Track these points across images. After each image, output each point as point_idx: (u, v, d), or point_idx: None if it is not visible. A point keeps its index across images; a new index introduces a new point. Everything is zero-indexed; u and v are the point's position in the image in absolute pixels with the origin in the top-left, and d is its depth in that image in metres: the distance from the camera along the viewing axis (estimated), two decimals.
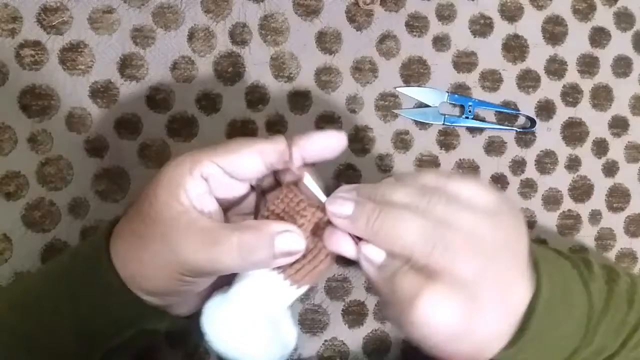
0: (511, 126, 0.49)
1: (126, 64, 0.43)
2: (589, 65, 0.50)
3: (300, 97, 0.46)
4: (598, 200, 0.51)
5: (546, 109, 0.50)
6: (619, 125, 0.51)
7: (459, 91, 0.48)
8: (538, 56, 0.49)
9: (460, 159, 0.49)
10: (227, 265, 0.31)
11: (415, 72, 0.48)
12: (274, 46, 0.46)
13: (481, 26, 0.49)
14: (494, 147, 0.49)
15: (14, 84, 0.42)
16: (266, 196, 0.36)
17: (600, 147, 0.51)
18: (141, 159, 0.44)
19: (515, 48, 0.49)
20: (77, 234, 0.43)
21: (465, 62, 0.48)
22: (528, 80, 0.49)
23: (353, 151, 0.47)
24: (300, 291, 0.33)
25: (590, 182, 0.51)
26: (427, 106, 0.47)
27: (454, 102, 0.48)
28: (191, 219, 0.31)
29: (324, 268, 0.33)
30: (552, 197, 0.50)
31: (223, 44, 0.45)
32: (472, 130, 0.49)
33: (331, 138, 0.34)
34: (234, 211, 0.36)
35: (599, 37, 0.51)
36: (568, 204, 0.50)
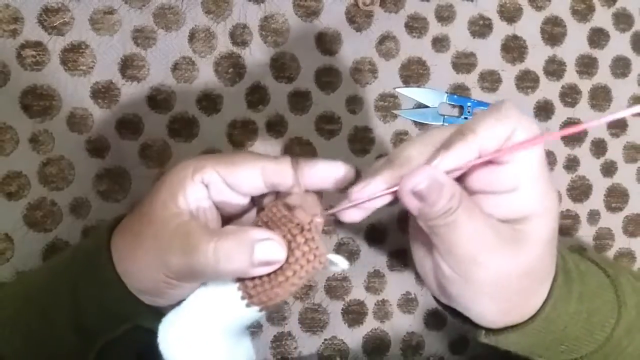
0: None
1: (127, 64, 0.44)
2: (587, 65, 0.51)
3: (300, 98, 0.46)
4: (596, 200, 0.51)
5: (545, 110, 0.50)
6: (617, 126, 0.51)
7: (458, 92, 0.48)
8: (537, 57, 0.50)
9: None
10: (203, 271, 0.30)
11: (414, 72, 0.48)
12: (274, 47, 0.46)
13: (480, 27, 0.49)
14: None
15: (16, 84, 0.42)
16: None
17: (599, 147, 0.51)
18: (142, 159, 0.44)
19: (514, 49, 0.49)
20: (78, 234, 0.43)
21: (464, 62, 0.49)
22: (527, 81, 0.50)
23: (353, 151, 0.47)
24: (255, 314, 0.31)
25: (589, 182, 0.51)
26: (427, 107, 0.48)
27: (453, 103, 0.48)
28: (181, 222, 0.31)
29: (281, 293, 0.30)
30: None
31: (224, 44, 0.45)
32: None
33: (337, 169, 0.32)
34: (234, 223, 0.35)
35: (597, 37, 0.51)
36: (567, 204, 0.51)
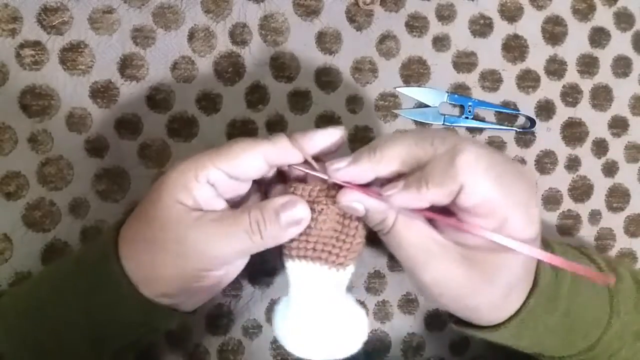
0: (511, 126, 0.49)
1: (126, 64, 0.44)
2: (588, 65, 0.50)
3: (300, 97, 0.46)
4: (598, 200, 0.51)
5: (546, 109, 0.50)
6: (618, 125, 0.51)
7: (459, 91, 0.48)
8: (538, 56, 0.49)
9: None
10: (246, 245, 0.32)
11: (415, 72, 0.48)
12: (274, 46, 0.46)
13: (481, 26, 0.49)
14: (493, 147, 0.49)
15: (14, 84, 0.42)
16: (276, 187, 0.37)
17: (600, 147, 0.51)
18: (141, 159, 0.44)
19: (515, 48, 0.49)
20: (77, 234, 0.43)
21: (465, 62, 0.48)
22: (528, 81, 0.49)
23: (353, 151, 0.46)
24: (348, 272, 0.34)
25: (590, 182, 0.51)
26: (427, 106, 0.47)
27: (453, 102, 0.48)
28: (199, 215, 0.32)
29: (357, 244, 0.34)
30: (552, 197, 0.50)
31: (223, 44, 0.45)
32: (472, 130, 0.49)
33: (333, 135, 0.34)
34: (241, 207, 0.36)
35: (598, 37, 0.51)
36: (568, 204, 0.50)
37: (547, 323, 0.35)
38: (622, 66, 0.51)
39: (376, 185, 0.33)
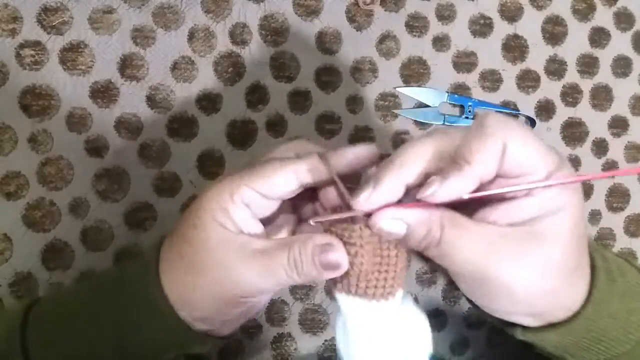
0: None
1: (126, 64, 0.44)
2: (588, 65, 0.51)
3: (300, 97, 0.46)
4: (598, 200, 0.51)
5: (546, 109, 0.50)
6: (618, 125, 0.51)
7: (459, 91, 0.48)
8: (538, 56, 0.49)
9: None
10: (284, 281, 0.32)
11: (415, 72, 0.48)
12: (274, 46, 0.46)
13: (481, 26, 0.49)
14: None
15: (14, 84, 0.42)
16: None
17: (600, 147, 0.51)
18: (141, 159, 0.44)
19: (515, 48, 0.49)
20: (77, 234, 0.43)
21: (465, 62, 0.48)
22: (528, 80, 0.49)
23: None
24: (397, 298, 0.32)
25: (590, 182, 0.51)
26: (427, 106, 0.47)
27: (453, 102, 0.48)
28: (244, 242, 0.32)
29: (401, 270, 0.32)
30: None
31: (223, 44, 0.45)
32: None
33: (363, 151, 0.33)
34: (272, 225, 0.36)
35: (598, 37, 0.51)
36: None
37: (609, 310, 0.32)
38: (622, 66, 0.51)
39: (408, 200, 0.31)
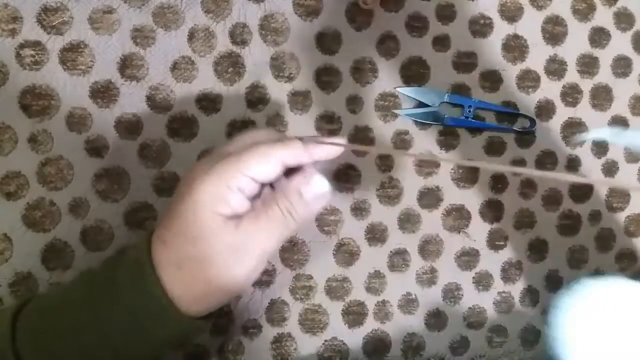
0: (511, 126, 0.49)
1: (126, 64, 0.44)
2: (588, 65, 0.51)
3: (300, 97, 0.46)
4: (598, 201, 0.51)
5: (546, 109, 0.50)
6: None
7: (459, 91, 0.48)
8: (538, 56, 0.49)
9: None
10: (285, 232, 0.35)
11: (415, 72, 0.48)
12: (274, 46, 0.46)
13: (481, 26, 0.49)
14: (493, 148, 0.49)
15: (14, 84, 0.42)
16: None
17: (600, 147, 0.51)
18: (141, 159, 0.44)
19: (515, 48, 0.49)
20: (77, 234, 0.43)
21: (465, 62, 0.48)
22: (528, 80, 0.49)
23: (353, 151, 0.47)
24: None
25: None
26: (427, 106, 0.47)
27: (453, 103, 0.48)
28: (237, 222, 0.34)
29: None
30: (552, 197, 0.50)
31: (223, 44, 0.45)
32: (472, 131, 0.49)
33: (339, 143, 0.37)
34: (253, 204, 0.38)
35: (598, 37, 0.51)
36: (568, 204, 0.50)
37: None
38: (622, 66, 0.51)
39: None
